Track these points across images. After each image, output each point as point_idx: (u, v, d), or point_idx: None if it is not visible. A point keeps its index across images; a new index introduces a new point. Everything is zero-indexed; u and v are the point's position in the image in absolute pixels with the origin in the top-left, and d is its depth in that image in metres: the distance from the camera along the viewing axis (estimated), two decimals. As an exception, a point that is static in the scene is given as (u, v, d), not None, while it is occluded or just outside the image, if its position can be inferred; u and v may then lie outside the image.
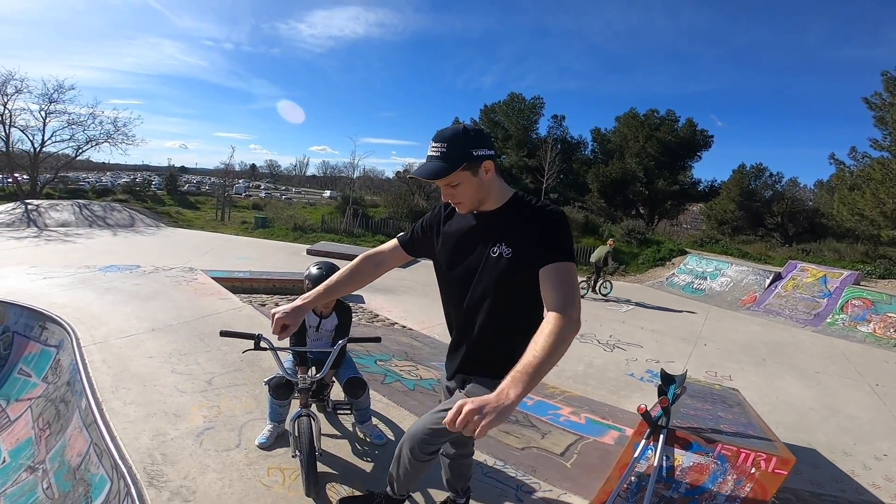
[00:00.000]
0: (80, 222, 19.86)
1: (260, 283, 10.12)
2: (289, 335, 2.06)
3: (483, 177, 1.70)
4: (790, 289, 13.53)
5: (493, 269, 1.76)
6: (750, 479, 2.32)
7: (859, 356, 9.77)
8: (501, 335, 1.89)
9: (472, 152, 1.65)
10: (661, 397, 2.58)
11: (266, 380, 2.90)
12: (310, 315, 3.13)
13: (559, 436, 4.27)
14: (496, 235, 1.76)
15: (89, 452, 2.71)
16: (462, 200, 1.75)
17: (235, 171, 33.95)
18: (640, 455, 2.54)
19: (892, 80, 17.16)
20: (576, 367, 7.66)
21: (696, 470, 2.43)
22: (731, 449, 2.43)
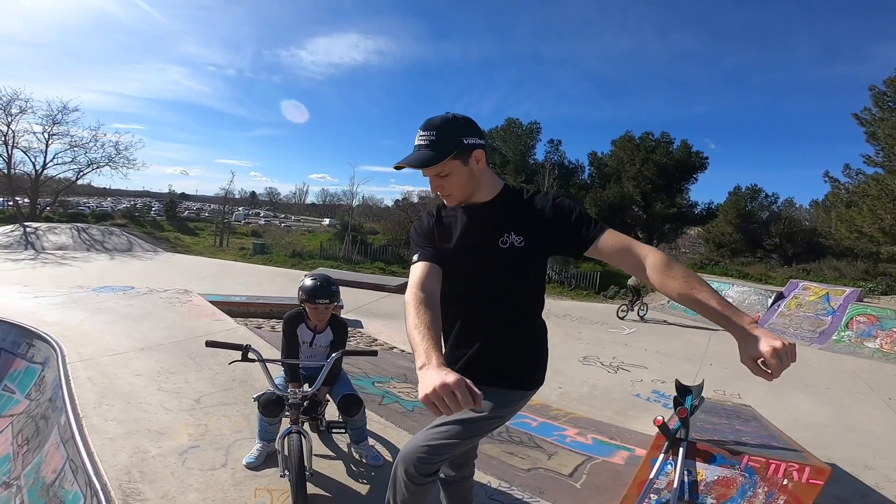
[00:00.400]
0: (77, 246, 19.81)
1: (256, 308, 9.93)
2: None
3: (474, 167, 1.63)
4: (793, 308, 13.37)
5: (506, 261, 1.65)
6: (783, 492, 2.13)
7: (869, 372, 9.58)
8: (513, 334, 1.76)
9: (463, 140, 1.58)
10: (679, 408, 2.41)
11: (255, 396, 2.73)
12: (303, 330, 2.99)
13: (566, 456, 4.05)
14: (501, 225, 1.66)
15: (64, 469, 2.53)
16: (452, 192, 1.66)
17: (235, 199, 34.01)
18: (659, 471, 2.36)
19: (881, 95, 17.32)
20: (580, 388, 7.44)
21: (721, 484, 2.25)
22: (759, 460, 2.25)
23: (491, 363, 1.75)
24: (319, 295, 2.83)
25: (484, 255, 1.67)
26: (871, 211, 16.23)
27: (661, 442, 2.43)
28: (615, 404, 6.86)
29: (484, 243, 1.67)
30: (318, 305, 2.83)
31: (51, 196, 28.78)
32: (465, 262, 1.71)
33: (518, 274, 1.67)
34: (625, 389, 7.59)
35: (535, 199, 1.67)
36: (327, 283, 2.91)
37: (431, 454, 1.65)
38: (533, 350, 1.83)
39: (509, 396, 1.76)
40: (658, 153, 30.41)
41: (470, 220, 1.71)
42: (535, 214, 1.63)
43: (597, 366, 8.85)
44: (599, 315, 14.72)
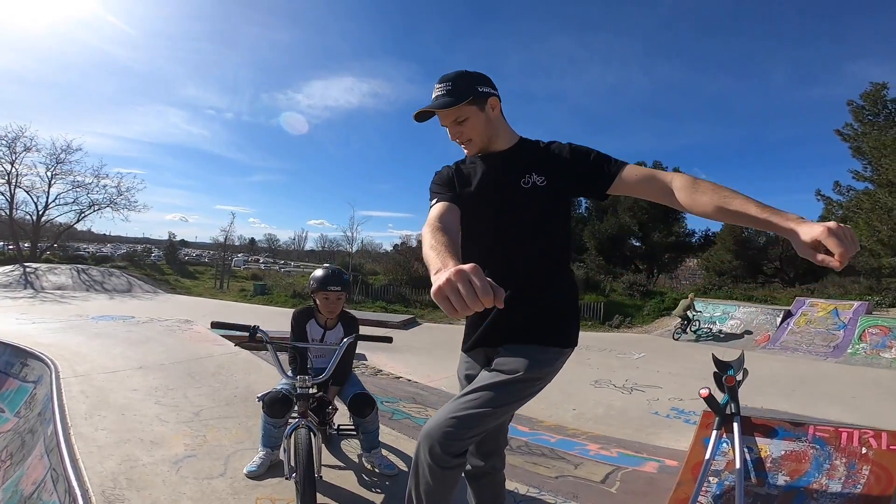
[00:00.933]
0: (77, 286, 19.56)
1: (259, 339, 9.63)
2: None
3: (490, 113, 1.65)
4: (803, 325, 13.11)
5: (530, 200, 1.59)
6: (865, 461, 1.86)
7: (891, 381, 9.33)
8: (544, 281, 1.61)
9: (478, 88, 1.62)
10: (726, 376, 2.17)
11: (260, 395, 2.49)
12: (313, 326, 2.82)
13: (593, 466, 3.73)
14: (523, 167, 1.64)
15: (45, 479, 2.27)
16: (472, 137, 1.66)
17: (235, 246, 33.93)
18: (715, 450, 2.09)
19: (859, 109, 17.63)
20: (595, 409, 7.11)
21: (791, 459, 1.98)
22: (827, 430, 2.00)
23: (522, 314, 1.58)
24: (331, 282, 2.69)
25: (507, 195, 1.63)
26: (866, 224, 16.18)
27: (711, 419, 2.18)
28: (633, 422, 6.51)
29: (506, 185, 1.64)
30: (330, 293, 2.69)
31: (51, 240, 28.55)
32: (488, 205, 1.64)
33: (543, 214, 1.62)
34: (641, 408, 7.26)
35: (552, 146, 1.68)
36: (338, 271, 2.81)
37: (460, 427, 1.43)
38: (565, 299, 1.67)
39: (544, 354, 1.57)
40: (650, 184, 30.79)
41: (490, 165, 1.69)
42: (555, 158, 1.64)
43: (609, 388, 8.52)
44: (607, 343, 14.37)
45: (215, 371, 4.13)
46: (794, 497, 1.91)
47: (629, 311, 19.88)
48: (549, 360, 1.58)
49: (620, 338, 15.44)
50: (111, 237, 44.14)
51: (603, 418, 6.66)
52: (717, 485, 2.03)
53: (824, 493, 1.88)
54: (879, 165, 16.24)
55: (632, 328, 18.42)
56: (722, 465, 2.07)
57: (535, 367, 1.54)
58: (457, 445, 1.45)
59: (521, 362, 1.53)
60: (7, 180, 25.81)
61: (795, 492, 1.92)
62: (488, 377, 1.54)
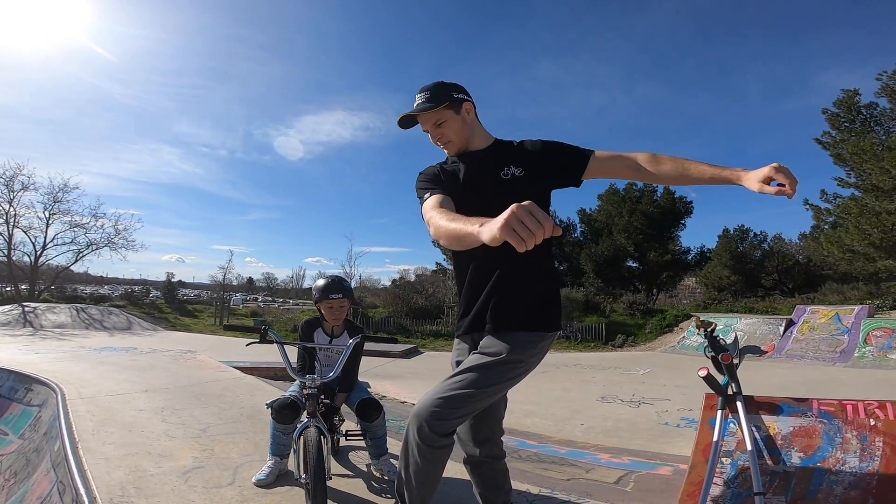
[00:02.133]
0: (76, 324, 19.35)
1: (261, 372, 9.57)
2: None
3: (465, 116, 1.79)
4: (806, 332, 13.07)
5: (511, 190, 1.70)
6: (876, 433, 1.87)
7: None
8: (526, 270, 1.71)
9: (453, 94, 1.77)
10: (722, 354, 2.19)
11: (268, 402, 2.50)
12: (320, 335, 2.87)
13: (606, 471, 3.68)
14: (501, 162, 1.76)
15: (51, 493, 2.25)
16: (451, 138, 1.79)
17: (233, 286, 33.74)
18: (722, 431, 2.10)
19: (835, 116, 17.97)
20: (603, 423, 6.99)
21: (801, 434, 1.98)
22: (830, 403, 2.01)
23: (506, 301, 1.70)
24: (333, 290, 2.76)
25: (488, 188, 1.74)
26: (856, 228, 16.30)
27: (714, 401, 2.18)
28: (644, 433, 6.40)
29: (487, 178, 1.76)
30: (333, 301, 2.74)
31: (49, 281, 28.31)
32: (472, 197, 1.74)
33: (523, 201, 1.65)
34: (651, 420, 7.14)
35: (525, 143, 1.83)
36: (339, 279, 2.87)
37: (447, 407, 1.51)
38: (547, 287, 1.78)
39: (527, 337, 1.67)
40: (644, 202, 31.09)
41: (471, 162, 1.82)
42: (530, 152, 1.78)
43: (617, 402, 8.40)
44: (610, 362, 14.26)
45: (220, 393, 4.11)
46: (813, 473, 1.91)
47: (631, 329, 19.77)
48: (532, 343, 1.66)
49: (624, 356, 15.32)
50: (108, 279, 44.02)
51: (613, 431, 6.55)
52: (731, 465, 2.03)
53: (843, 467, 1.88)
54: (862, 171, 16.51)
55: (635, 346, 18.28)
56: (732, 445, 2.07)
57: (518, 350, 1.62)
58: (444, 425, 1.52)
59: (504, 345, 1.62)
60: (5, 220, 25.67)
61: (813, 468, 1.92)
62: (473, 360, 1.63)
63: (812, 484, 1.83)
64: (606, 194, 32.92)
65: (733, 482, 1.97)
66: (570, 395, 9.11)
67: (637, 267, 32.28)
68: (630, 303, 22.90)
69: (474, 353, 1.66)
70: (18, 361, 5.03)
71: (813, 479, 1.85)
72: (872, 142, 16.07)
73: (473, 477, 1.89)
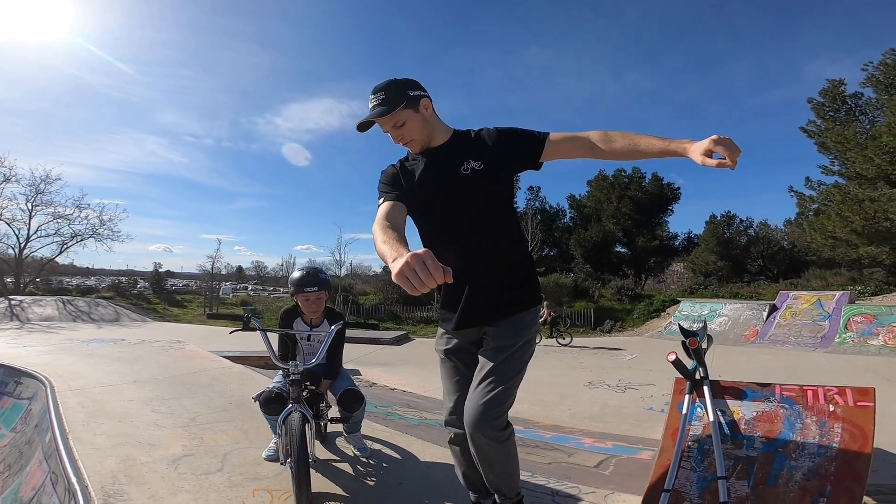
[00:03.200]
0: (63, 317, 19.27)
1: (250, 361, 9.59)
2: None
3: (424, 113, 1.78)
4: (789, 317, 13.34)
5: (471, 184, 1.75)
6: (835, 419, 1.97)
7: (881, 366, 9.46)
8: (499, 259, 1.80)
9: (409, 93, 1.75)
10: (690, 338, 2.28)
11: (254, 395, 2.56)
12: (300, 325, 2.89)
13: (588, 455, 3.81)
14: (460, 157, 1.78)
15: (44, 483, 2.31)
16: (413, 137, 1.80)
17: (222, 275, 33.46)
18: (690, 415, 2.20)
19: (820, 106, 18.26)
20: (590, 409, 7.15)
21: (763, 419, 2.08)
22: (792, 388, 2.11)
23: (488, 294, 1.78)
24: (308, 283, 2.75)
25: (449, 184, 1.77)
26: (839, 215, 16.61)
27: (683, 385, 2.28)
28: (630, 419, 6.57)
29: (447, 174, 1.78)
30: (309, 294, 2.75)
31: (34, 273, 28.04)
32: (435, 194, 1.80)
33: (485, 194, 1.77)
34: (636, 405, 7.32)
35: (481, 132, 1.85)
36: (314, 271, 2.86)
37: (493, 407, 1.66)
38: (522, 267, 1.87)
39: (525, 317, 1.80)
40: (632, 189, 31.28)
41: (432, 159, 1.84)
42: (486, 143, 1.80)
43: (603, 388, 8.58)
44: (599, 346, 14.50)
45: (209, 383, 4.16)
46: (774, 458, 2.00)
47: (619, 315, 20.04)
48: (530, 321, 1.81)
49: (612, 341, 15.56)
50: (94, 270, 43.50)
51: (599, 416, 6.71)
52: (698, 449, 2.12)
53: (802, 453, 1.98)
54: (845, 159, 16.80)
55: (623, 332, 18.56)
56: (699, 429, 2.17)
57: (525, 331, 1.78)
58: (500, 422, 1.67)
59: (512, 333, 1.75)
60: (-14, 213, 25.37)
61: (774, 453, 2.01)
62: (491, 359, 1.74)
63: (773, 469, 1.93)
64: (596, 180, 33.07)
65: (700, 465, 2.06)
66: (558, 380, 9.27)
67: (625, 252, 32.60)
68: (618, 288, 23.18)
69: (485, 354, 1.77)
70: (6, 355, 5.03)
71: (774, 463, 1.94)
72: (856, 131, 16.30)
73: (457, 458, 1.97)
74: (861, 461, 1.85)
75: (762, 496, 1.85)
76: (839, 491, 1.77)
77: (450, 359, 1.92)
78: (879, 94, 16.12)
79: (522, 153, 1.77)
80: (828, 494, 1.77)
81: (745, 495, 1.88)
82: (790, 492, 1.82)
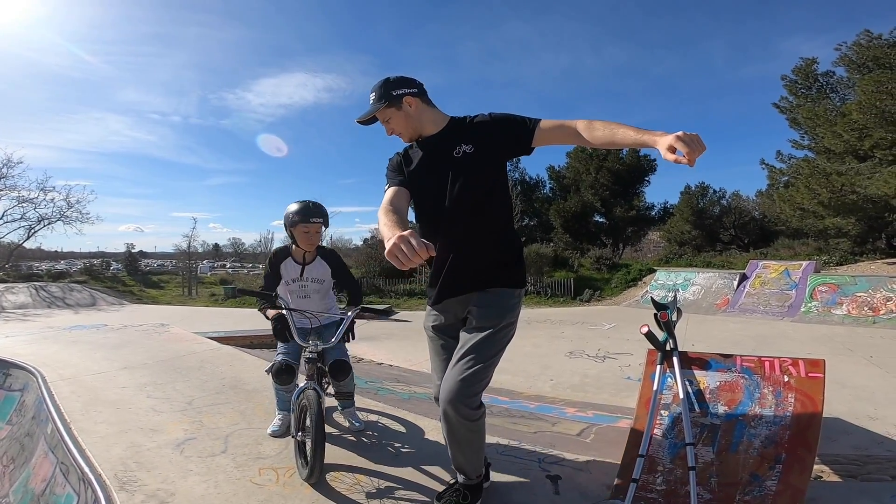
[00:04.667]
0: (38, 304, 18.86)
1: (237, 341, 9.61)
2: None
3: (408, 110, 1.92)
4: (758, 286, 13.86)
5: (462, 167, 1.87)
6: (789, 389, 2.18)
7: (843, 336, 9.91)
8: (486, 240, 1.90)
9: (392, 93, 1.90)
10: (661, 311, 2.46)
11: (267, 368, 2.68)
12: (289, 265, 2.81)
13: (570, 424, 4.04)
14: (453, 142, 1.91)
15: (55, 474, 2.39)
16: (400, 131, 1.97)
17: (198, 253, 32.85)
18: (661, 385, 2.39)
19: (793, 83, 18.73)
20: (571, 378, 7.45)
21: (726, 389, 2.29)
22: (751, 359, 2.32)
23: (470, 266, 1.88)
24: (313, 214, 2.69)
25: (443, 168, 1.90)
26: (807, 188, 17.16)
27: (655, 356, 2.47)
28: (608, 388, 6.89)
29: (442, 159, 1.92)
30: (311, 226, 2.68)
31: (3, 259, 27.23)
32: (430, 181, 1.92)
33: (476, 178, 1.87)
34: (615, 374, 7.65)
35: (475, 118, 1.96)
36: (317, 203, 2.76)
37: (470, 385, 1.75)
38: (511, 249, 1.98)
39: (508, 300, 1.90)
40: (610, 160, 31.56)
41: (426, 148, 1.98)
42: (479, 128, 1.91)
43: (584, 358, 8.89)
44: (579, 317, 14.87)
45: (200, 365, 4.24)
46: (735, 426, 2.21)
47: (598, 284, 20.52)
48: (514, 304, 1.92)
49: (591, 311, 16.00)
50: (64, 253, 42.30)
51: (579, 386, 7.00)
52: (668, 417, 2.33)
53: (760, 421, 2.18)
54: (815, 134, 17.33)
55: (601, 301, 19.04)
56: (669, 398, 2.37)
57: (508, 314, 1.88)
58: (474, 400, 1.79)
59: (495, 314, 1.85)
60: (-52, 200, 24.48)
61: (735, 422, 2.22)
62: (472, 337, 1.84)
63: (734, 436, 2.13)
64: (574, 152, 33.20)
65: (670, 433, 2.27)
66: (540, 350, 9.57)
67: (604, 222, 33.10)
68: (597, 257, 23.63)
69: (467, 331, 1.87)
70: (-11, 348, 4.99)
71: (735, 431, 2.15)
72: (827, 108, 16.75)
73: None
74: (811, 430, 2.06)
75: (725, 462, 2.07)
76: (792, 458, 1.98)
77: (438, 336, 2.04)
78: (851, 73, 16.50)
79: (513, 139, 1.87)
80: (783, 461, 1.98)
81: (711, 461, 2.09)
82: (749, 458, 2.04)
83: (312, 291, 2.86)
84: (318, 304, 2.87)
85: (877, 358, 8.02)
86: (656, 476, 2.14)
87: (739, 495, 1.95)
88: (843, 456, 4.04)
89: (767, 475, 1.98)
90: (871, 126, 14.09)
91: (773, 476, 1.96)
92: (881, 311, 10.97)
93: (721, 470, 2.06)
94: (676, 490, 2.06)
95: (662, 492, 2.08)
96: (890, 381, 6.73)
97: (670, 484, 2.10)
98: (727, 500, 1.95)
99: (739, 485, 1.98)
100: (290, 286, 2.82)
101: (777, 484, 1.93)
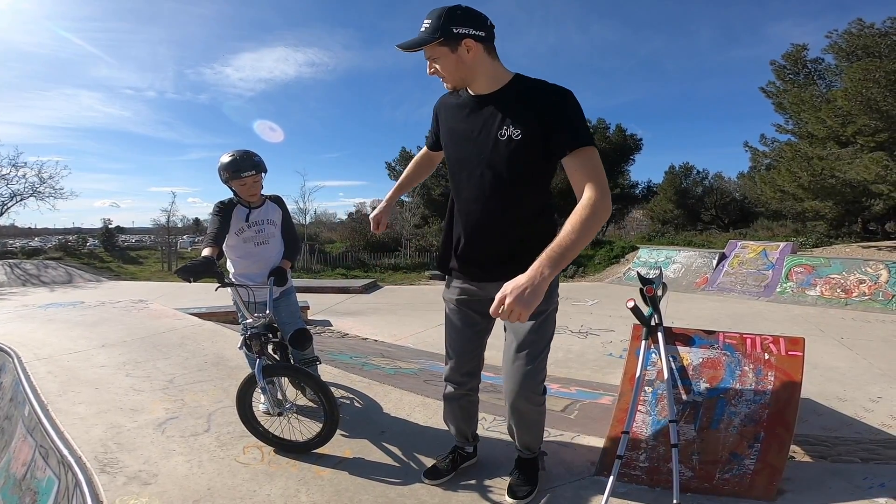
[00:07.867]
0: (12, 281, 18.28)
1: (219, 317, 9.46)
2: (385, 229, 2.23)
3: (464, 55, 1.61)
4: (736, 266, 14.13)
5: (504, 153, 1.65)
6: (769, 367, 2.21)
7: (816, 317, 10.16)
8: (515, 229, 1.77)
9: (452, 29, 1.57)
10: (647, 286, 2.46)
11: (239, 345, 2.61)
12: (239, 211, 2.68)
13: (554, 400, 4.09)
14: (501, 118, 1.65)
15: (34, 458, 2.34)
16: (443, 75, 1.67)
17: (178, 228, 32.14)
18: (646, 361, 2.41)
19: (781, 68, 18.89)
20: (554, 354, 7.40)
21: (708, 366, 2.32)
22: (733, 336, 2.35)
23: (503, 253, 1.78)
24: (244, 167, 2.57)
25: (482, 143, 1.69)
26: (788, 171, 17.49)
27: (640, 332, 2.48)
28: (590, 364, 7.01)
29: (482, 132, 1.69)
30: (246, 179, 2.58)
31: (-26, 239, 26.40)
32: (463, 149, 1.76)
33: (517, 166, 1.66)
34: (597, 351, 7.78)
35: (546, 95, 1.62)
36: (249, 153, 2.64)
37: (533, 376, 1.79)
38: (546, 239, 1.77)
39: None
40: (597, 138, 31.41)
41: (471, 111, 1.73)
42: (538, 111, 1.60)
43: (567, 334, 9.00)
44: (563, 292, 14.17)
45: (181, 342, 4.17)
46: (717, 404, 2.24)
47: (582, 260, 20.70)
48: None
49: (575, 287, 16.12)
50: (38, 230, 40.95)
51: (563, 362, 7.10)
52: (652, 393, 2.36)
53: (741, 399, 2.22)
54: (799, 119, 17.59)
55: (585, 277, 19.26)
56: (653, 374, 2.39)
57: (550, 299, 1.80)
58: (540, 387, 1.83)
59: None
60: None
61: (716, 399, 2.25)
62: (523, 327, 1.77)
63: (716, 413, 2.17)
64: (562, 130, 33.07)
65: (654, 409, 2.30)
66: (523, 327, 9.71)
67: (590, 200, 33.33)
68: (582, 234, 23.80)
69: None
70: (-39, 330, 4.82)
71: (716, 409, 2.19)
72: (813, 94, 16.92)
73: (450, 410, 2.09)
74: (790, 409, 2.10)
75: (706, 439, 2.11)
76: (771, 437, 2.02)
77: (460, 309, 1.91)
78: (840, 61, 16.61)
79: (552, 149, 1.62)
80: (761, 440, 2.03)
81: (693, 438, 2.13)
82: (730, 436, 2.08)
83: (270, 235, 2.75)
84: (276, 248, 2.77)
85: (848, 339, 8.23)
86: (640, 453, 2.18)
87: (719, 473, 1.99)
88: (813, 437, 4.17)
89: (746, 454, 2.02)
90: (856, 113, 14.27)
91: (751, 455, 2.01)
92: (854, 293, 11.26)
93: (702, 448, 2.10)
94: (659, 467, 2.09)
95: (646, 469, 2.12)
96: (860, 362, 6.91)
97: (653, 461, 2.14)
98: (708, 479, 1.99)
99: (720, 463, 2.03)
100: (245, 233, 2.66)
101: (755, 463, 1.98)
